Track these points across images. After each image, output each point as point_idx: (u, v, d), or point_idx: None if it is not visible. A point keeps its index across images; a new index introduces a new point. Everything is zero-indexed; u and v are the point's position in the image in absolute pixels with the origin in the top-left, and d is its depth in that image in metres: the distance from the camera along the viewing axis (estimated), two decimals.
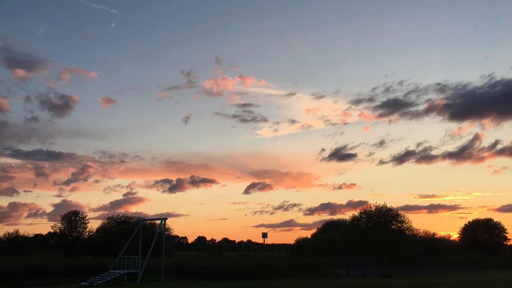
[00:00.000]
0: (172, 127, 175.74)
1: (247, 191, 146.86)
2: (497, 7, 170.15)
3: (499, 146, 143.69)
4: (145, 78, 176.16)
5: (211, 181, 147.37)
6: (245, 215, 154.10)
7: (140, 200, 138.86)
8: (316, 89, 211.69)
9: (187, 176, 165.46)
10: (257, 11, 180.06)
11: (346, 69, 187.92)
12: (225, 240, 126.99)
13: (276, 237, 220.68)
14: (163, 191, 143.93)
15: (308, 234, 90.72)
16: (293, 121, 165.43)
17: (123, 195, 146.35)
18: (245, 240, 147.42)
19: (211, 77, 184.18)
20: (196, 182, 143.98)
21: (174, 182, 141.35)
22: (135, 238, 33.32)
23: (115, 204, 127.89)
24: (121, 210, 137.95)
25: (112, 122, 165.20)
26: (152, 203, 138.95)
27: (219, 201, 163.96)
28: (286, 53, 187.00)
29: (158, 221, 36.42)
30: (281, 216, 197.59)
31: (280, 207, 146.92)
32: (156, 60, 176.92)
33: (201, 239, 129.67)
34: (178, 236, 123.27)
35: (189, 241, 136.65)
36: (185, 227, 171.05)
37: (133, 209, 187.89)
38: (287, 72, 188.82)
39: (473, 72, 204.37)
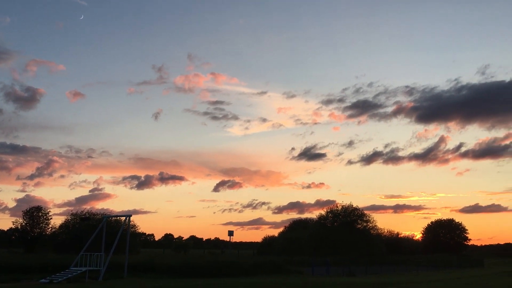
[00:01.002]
0: (141, 123, 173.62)
1: (216, 188, 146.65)
2: (464, 13, 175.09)
3: (463, 149, 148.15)
4: (115, 72, 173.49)
5: (180, 178, 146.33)
6: (214, 212, 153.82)
7: (107, 196, 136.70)
8: (287, 89, 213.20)
9: (156, 173, 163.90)
10: (230, 9, 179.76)
11: (317, 70, 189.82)
12: (192, 237, 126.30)
13: (244, 235, 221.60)
14: (131, 188, 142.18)
15: (276, 232, 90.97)
16: (264, 120, 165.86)
17: (90, 191, 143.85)
18: (212, 238, 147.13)
19: (182, 73, 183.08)
20: (165, 179, 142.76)
21: (142, 178, 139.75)
22: (99, 235, 32.69)
23: (81, 200, 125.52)
24: (86, 206, 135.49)
25: (80, 116, 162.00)
26: (119, 200, 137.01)
27: (187, 198, 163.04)
28: (258, 51, 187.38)
29: (123, 218, 35.84)
30: (249, 214, 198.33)
31: (249, 205, 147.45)
32: (126, 55, 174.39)
33: (168, 237, 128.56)
34: (145, 233, 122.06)
35: (156, 239, 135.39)
36: (153, 224, 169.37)
37: (100, 206, 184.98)
38: (259, 70, 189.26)
39: (440, 76, 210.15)
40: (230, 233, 50.06)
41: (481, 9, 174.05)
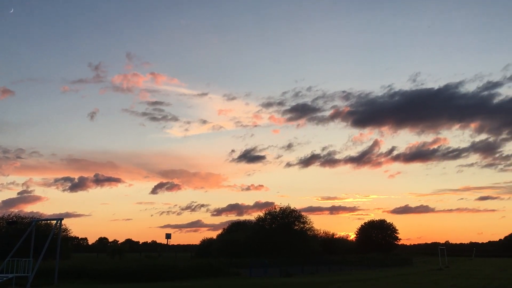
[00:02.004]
0: (76, 123, 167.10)
1: (154, 191, 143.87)
2: (397, 22, 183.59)
3: (395, 152, 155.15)
4: (48, 69, 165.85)
5: (117, 180, 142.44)
6: (151, 215, 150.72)
7: (37, 199, 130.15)
8: (228, 91, 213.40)
9: (90, 175, 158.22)
10: (172, 8, 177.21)
11: (258, 72, 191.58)
12: (128, 241, 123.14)
13: (183, 238, 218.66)
14: (64, 190, 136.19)
15: (215, 234, 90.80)
16: (204, 122, 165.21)
17: (18, 193, 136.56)
18: (149, 241, 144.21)
19: (121, 72, 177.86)
20: (100, 181, 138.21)
21: (76, 180, 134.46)
22: (28, 240, 31.00)
23: (8, 203, 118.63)
24: (14, 210, 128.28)
25: (9, 114, 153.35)
26: (50, 202, 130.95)
27: (124, 201, 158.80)
28: (200, 52, 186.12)
29: (54, 222, 34.23)
30: (188, 217, 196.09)
31: (187, 208, 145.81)
32: (61, 51, 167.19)
33: (102, 240, 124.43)
34: (78, 237, 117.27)
35: (90, 243, 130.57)
36: (86, 228, 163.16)
37: (29, 209, 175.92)
38: (200, 72, 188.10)
39: (375, 82, 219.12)
40: (168, 236, 49.30)
41: (413, 19, 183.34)
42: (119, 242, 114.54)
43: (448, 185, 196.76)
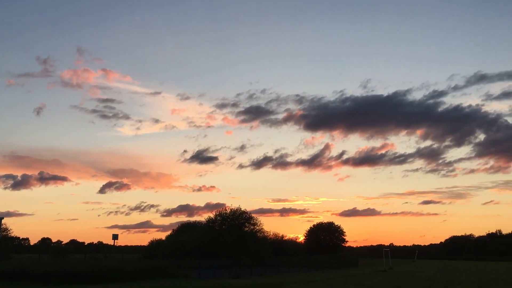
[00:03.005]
0: (21, 118, 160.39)
1: (102, 190, 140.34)
2: (351, 30, 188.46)
3: (344, 156, 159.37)
4: None
5: (63, 179, 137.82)
6: (98, 215, 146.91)
7: None
8: (182, 90, 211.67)
9: (35, 172, 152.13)
10: (128, 4, 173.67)
11: (213, 73, 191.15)
12: (73, 241, 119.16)
13: (131, 239, 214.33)
14: (5, 188, 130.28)
15: (164, 235, 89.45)
16: (157, 121, 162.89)
17: None
18: (95, 242, 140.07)
19: (71, 67, 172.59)
20: (45, 179, 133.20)
21: (19, 178, 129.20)
22: None
23: None
24: None
25: None
26: None
27: (70, 200, 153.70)
28: (154, 51, 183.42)
29: None
30: (137, 217, 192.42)
31: (136, 208, 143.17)
32: (6, 43, 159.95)
33: (45, 241, 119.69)
34: (19, 237, 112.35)
35: (32, 243, 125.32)
36: (28, 228, 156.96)
37: None
38: (154, 70, 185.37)
39: (328, 87, 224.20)
40: (115, 237, 48.12)
41: (366, 28, 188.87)
42: (63, 243, 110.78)
43: (394, 189, 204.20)
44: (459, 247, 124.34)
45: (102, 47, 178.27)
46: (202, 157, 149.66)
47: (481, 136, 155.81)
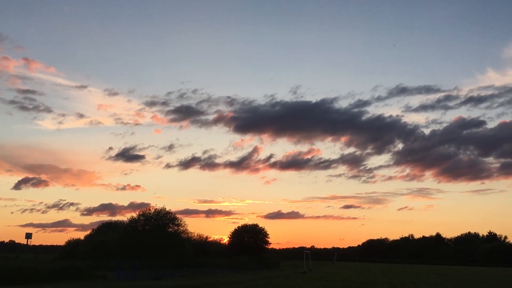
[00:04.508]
0: None
1: (17, 186, 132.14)
2: (283, 35, 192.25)
3: (272, 160, 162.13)
4: None
5: None
6: (12, 213, 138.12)
7: None
8: (110, 85, 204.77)
9: None
10: None
11: (144, 70, 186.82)
12: None
13: (46, 238, 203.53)
14: None
15: (83, 235, 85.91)
16: (82, 116, 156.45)
17: None
18: (7, 240, 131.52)
19: None
20: None
21: None
22: None
23: None
24: None
25: None
26: None
27: None
28: (82, 43, 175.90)
29: None
30: (54, 216, 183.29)
31: (54, 206, 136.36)
32: None
33: None
34: None
35: None
36: None
37: None
38: (81, 63, 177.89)
39: (259, 91, 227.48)
40: (28, 236, 45.60)
41: (298, 35, 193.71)
42: None
43: (317, 193, 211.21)
44: (375, 250, 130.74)
45: (25, 35, 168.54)
46: (128, 155, 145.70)
47: (400, 145, 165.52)
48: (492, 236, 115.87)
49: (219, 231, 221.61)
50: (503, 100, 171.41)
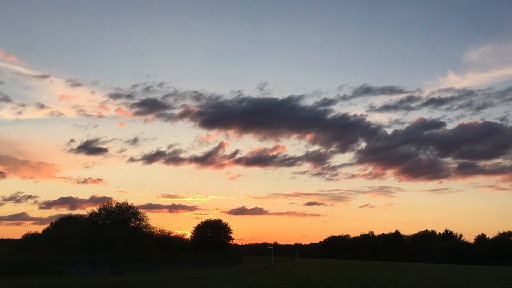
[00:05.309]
0: None
1: None
2: (251, 32, 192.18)
3: (237, 156, 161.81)
4: None
5: None
6: None
7: None
8: (73, 76, 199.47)
9: None
10: None
11: (108, 61, 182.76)
12: None
13: (2, 232, 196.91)
14: None
15: (41, 229, 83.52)
16: (42, 106, 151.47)
17: None
18: None
19: None
20: None
21: None
22: None
23: None
24: None
25: None
26: None
27: None
28: (45, 31, 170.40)
29: None
30: (11, 208, 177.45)
31: (11, 199, 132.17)
32: None
33: None
34: None
35: None
36: None
37: None
38: (43, 52, 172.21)
39: (226, 86, 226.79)
40: None
41: (265, 32, 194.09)
42: None
43: (281, 190, 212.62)
44: (336, 247, 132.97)
45: None
46: (90, 148, 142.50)
47: (363, 144, 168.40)
48: (448, 234, 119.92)
49: (182, 227, 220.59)
50: (462, 102, 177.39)
